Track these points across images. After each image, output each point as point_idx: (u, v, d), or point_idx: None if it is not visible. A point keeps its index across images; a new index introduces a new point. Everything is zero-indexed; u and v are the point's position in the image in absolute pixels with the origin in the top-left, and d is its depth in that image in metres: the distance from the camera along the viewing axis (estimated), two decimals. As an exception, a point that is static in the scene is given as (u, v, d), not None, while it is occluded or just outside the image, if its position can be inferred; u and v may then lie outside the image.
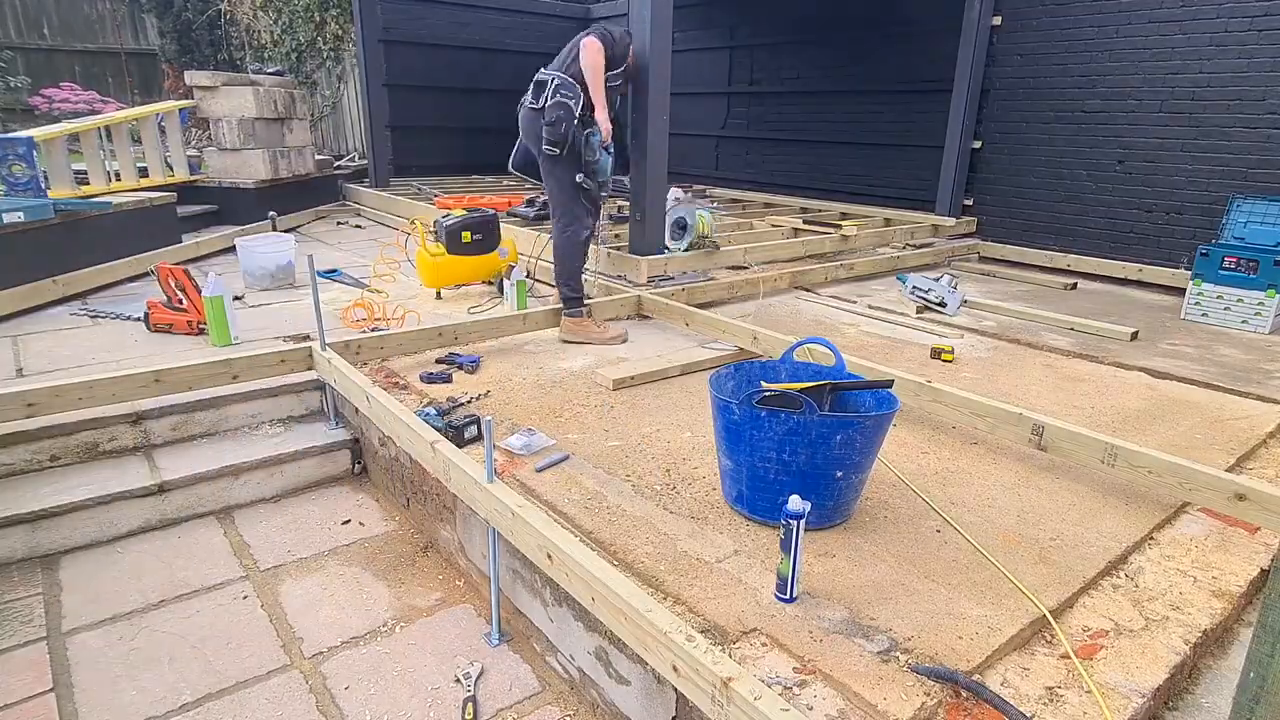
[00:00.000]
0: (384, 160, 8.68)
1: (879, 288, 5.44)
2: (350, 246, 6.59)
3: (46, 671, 2.14)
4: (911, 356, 3.86)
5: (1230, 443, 2.90)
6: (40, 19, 11.89)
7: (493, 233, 4.86)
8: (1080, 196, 6.13)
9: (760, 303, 4.90)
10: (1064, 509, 2.37)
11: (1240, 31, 5.11)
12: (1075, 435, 2.57)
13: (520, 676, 2.18)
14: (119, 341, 3.87)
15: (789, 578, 1.82)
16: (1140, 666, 1.70)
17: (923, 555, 2.09)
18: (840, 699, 1.57)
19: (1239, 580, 2.03)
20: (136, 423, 3.06)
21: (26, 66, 11.33)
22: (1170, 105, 5.51)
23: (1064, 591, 1.93)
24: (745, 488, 2.21)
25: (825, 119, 8.16)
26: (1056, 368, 3.79)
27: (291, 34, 11.06)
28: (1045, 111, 6.21)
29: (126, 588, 2.52)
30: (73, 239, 4.84)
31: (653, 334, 4.19)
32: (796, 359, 2.50)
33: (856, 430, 2.08)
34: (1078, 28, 5.89)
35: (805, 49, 8.27)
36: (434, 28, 9.71)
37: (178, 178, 6.91)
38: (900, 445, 2.80)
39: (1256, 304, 4.51)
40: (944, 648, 1.71)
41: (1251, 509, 2.21)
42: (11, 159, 4.73)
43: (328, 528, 2.93)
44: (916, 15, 7.05)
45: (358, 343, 3.47)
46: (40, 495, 2.71)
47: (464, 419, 2.80)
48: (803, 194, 8.34)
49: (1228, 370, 3.78)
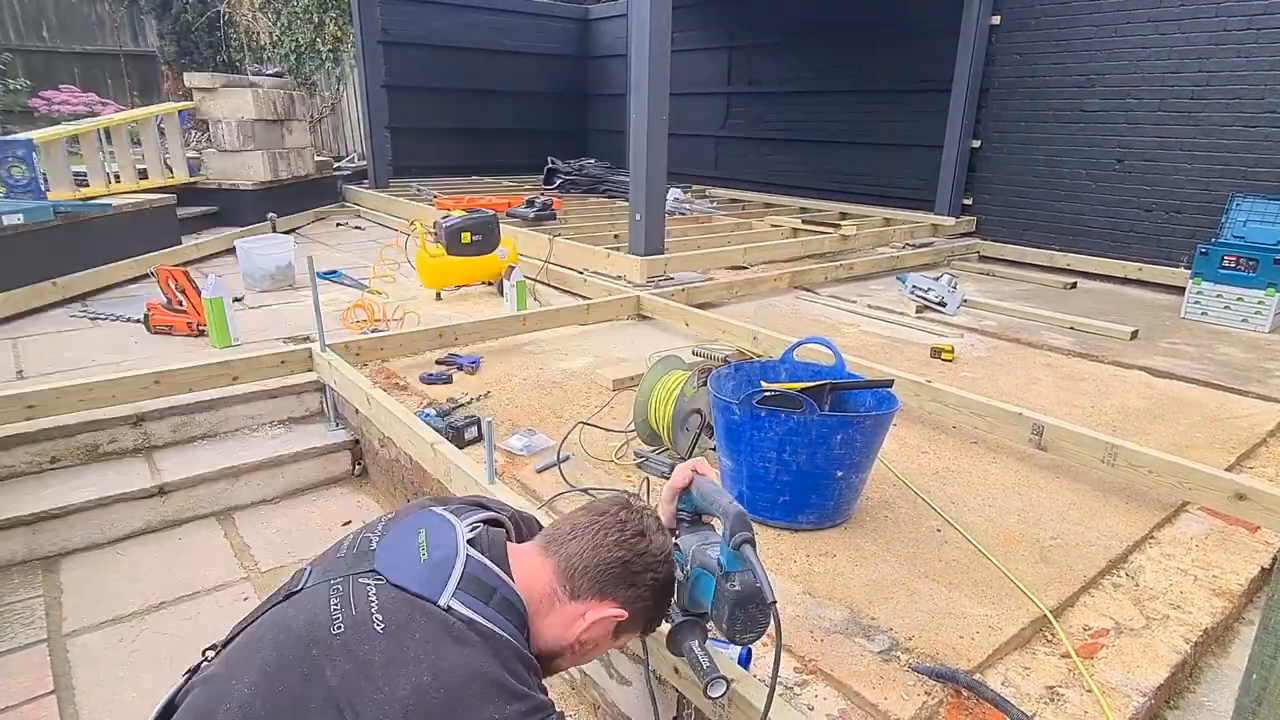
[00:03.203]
0: (383, 161, 8.68)
1: (879, 287, 5.44)
2: (350, 248, 6.58)
3: (47, 673, 2.13)
4: (911, 356, 3.86)
5: (1230, 441, 2.90)
6: (39, 21, 11.88)
7: (492, 234, 4.86)
8: (1080, 196, 6.13)
9: (760, 302, 4.90)
10: (1064, 508, 2.37)
11: (1239, 30, 5.11)
12: (1075, 435, 2.57)
13: (521, 677, 2.17)
14: (119, 343, 3.87)
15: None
16: (1141, 665, 1.70)
17: (923, 555, 2.09)
18: (841, 698, 1.57)
19: (1239, 579, 2.03)
20: (137, 424, 3.06)
21: (26, 68, 11.32)
22: (1169, 104, 5.51)
23: (1065, 591, 1.93)
24: (745, 487, 2.21)
25: (825, 119, 8.15)
26: (1056, 367, 3.79)
27: (290, 35, 11.06)
28: (1044, 111, 6.21)
29: (127, 589, 2.52)
30: (72, 241, 4.84)
31: (653, 334, 4.19)
32: (796, 359, 2.50)
33: (856, 430, 2.08)
34: (1077, 27, 5.89)
35: (805, 49, 8.28)
36: (433, 29, 9.72)
37: (177, 179, 6.90)
38: (900, 445, 2.80)
39: (1256, 303, 4.51)
40: (945, 647, 1.71)
41: (1252, 508, 2.21)
42: (11, 161, 4.73)
43: (328, 529, 2.93)
44: (916, 15, 7.05)
45: (358, 344, 3.47)
46: (41, 497, 2.71)
47: (464, 420, 2.79)
48: (802, 194, 8.34)
49: (1228, 369, 3.78)
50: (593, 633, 1.18)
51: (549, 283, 5.24)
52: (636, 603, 1.19)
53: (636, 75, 4.56)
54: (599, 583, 1.16)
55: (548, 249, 5.39)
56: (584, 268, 5.19)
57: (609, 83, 10.79)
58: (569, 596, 1.16)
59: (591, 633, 1.17)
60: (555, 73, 10.94)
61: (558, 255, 5.38)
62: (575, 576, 1.17)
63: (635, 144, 4.69)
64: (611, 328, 4.29)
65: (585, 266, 5.20)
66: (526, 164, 10.10)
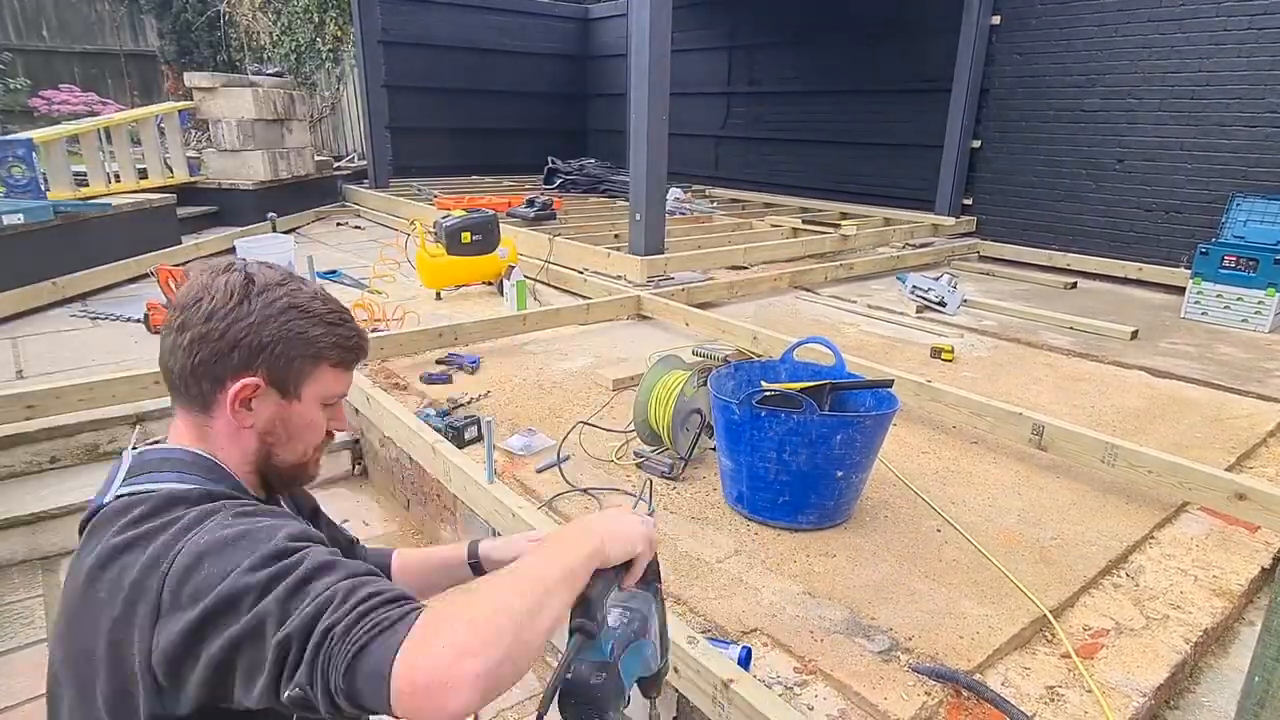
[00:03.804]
0: (383, 161, 8.68)
1: (879, 287, 5.43)
2: (350, 247, 6.58)
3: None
4: (911, 356, 3.86)
5: (1230, 442, 2.90)
6: (39, 20, 11.88)
7: (492, 233, 4.86)
8: (1080, 195, 6.13)
9: (760, 302, 4.90)
10: (1064, 508, 2.37)
11: (1239, 30, 5.11)
12: (1075, 435, 2.57)
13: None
14: (119, 343, 3.87)
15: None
16: (1141, 665, 1.70)
17: (923, 555, 2.09)
18: (841, 699, 1.57)
19: (1240, 579, 2.03)
20: (137, 424, 3.06)
21: (25, 68, 11.32)
22: (1170, 104, 5.51)
23: (1064, 591, 1.93)
24: (745, 488, 2.21)
25: (825, 119, 8.15)
26: (1056, 367, 3.79)
27: (291, 35, 11.06)
28: (1045, 111, 6.21)
29: (127, 589, 2.52)
30: (72, 241, 4.84)
31: (653, 334, 4.19)
32: (796, 358, 2.50)
33: (856, 430, 2.07)
34: (1077, 27, 5.89)
35: (805, 49, 8.28)
36: (433, 29, 9.72)
37: (177, 179, 6.90)
38: (900, 445, 2.80)
39: (1256, 303, 4.51)
40: (945, 647, 1.70)
41: (1252, 508, 2.21)
42: (11, 161, 4.73)
43: (328, 529, 2.93)
44: (916, 15, 7.05)
45: (358, 344, 3.47)
46: (41, 497, 2.71)
47: (464, 420, 2.79)
48: (802, 194, 8.34)
49: (1228, 369, 3.78)
50: (258, 416, 0.99)
51: (549, 282, 5.23)
52: (258, 356, 0.96)
53: (637, 75, 4.56)
54: (201, 380, 0.96)
55: (548, 249, 5.39)
56: (584, 267, 5.19)
57: (609, 82, 10.79)
58: (206, 415, 0.99)
59: (257, 418, 0.99)
60: (555, 72, 10.94)
61: (558, 255, 5.38)
62: (184, 394, 0.99)
63: (635, 144, 4.69)
64: (611, 327, 4.29)
65: (585, 266, 5.20)
66: (527, 164, 10.10)
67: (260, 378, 0.97)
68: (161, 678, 0.80)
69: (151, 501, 0.88)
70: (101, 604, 0.84)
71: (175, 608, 0.79)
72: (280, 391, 0.99)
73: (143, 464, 0.97)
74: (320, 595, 0.75)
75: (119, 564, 0.84)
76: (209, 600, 0.77)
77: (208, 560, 0.80)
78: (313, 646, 0.72)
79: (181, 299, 0.98)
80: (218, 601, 0.77)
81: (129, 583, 0.82)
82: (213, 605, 0.77)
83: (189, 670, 0.79)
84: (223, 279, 0.97)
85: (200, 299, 0.96)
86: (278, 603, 0.75)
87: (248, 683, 0.76)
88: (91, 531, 0.90)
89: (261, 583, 0.77)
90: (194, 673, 0.78)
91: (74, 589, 0.88)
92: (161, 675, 0.80)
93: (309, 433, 1.05)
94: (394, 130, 9.22)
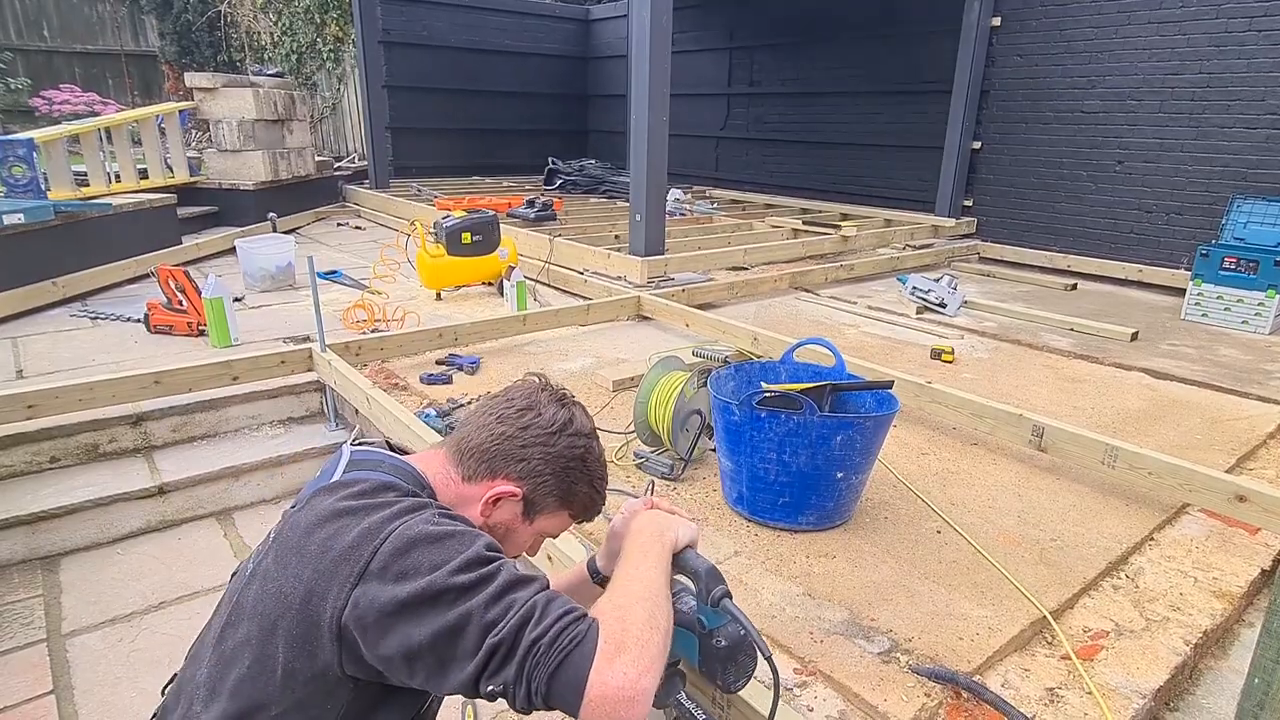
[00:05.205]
0: (384, 161, 8.68)
1: (879, 288, 5.44)
2: (350, 248, 6.59)
3: (46, 673, 2.13)
4: (912, 357, 3.86)
5: (1230, 443, 2.90)
6: (40, 20, 11.88)
7: (493, 234, 4.86)
8: (1080, 197, 6.13)
9: (760, 303, 4.90)
10: (1064, 510, 2.37)
11: (1240, 32, 5.11)
12: (1075, 436, 2.57)
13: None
14: (119, 343, 3.87)
15: None
16: (1141, 667, 1.69)
17: (923, 556, 2.09)
18: (841, 700, 1.57)
19: (1240, 581, 2.03)
20: (137, 424, 3.06)
21: (26, 68, 11.32)
22: (1170, 106, 5.52)
23: (1064, 592, 1.93)
24: (745, 489, 2.21)
25: (825, 120, 8.16)
26: (1057, 368, 3.79)
27: (291, 36, 11.06)
28: (1045, 112, 6.22)
29: (126, 589, 2.52)
30: (73, 240, 4.84)
31: (653, 335, 4.19)
32: (796, 359, 2.50)
33: (856, 431, 2.07)
34: (1077, 28, 5.90)
35: (805, 50, 8.28)
36: (433, 29, 9.73)
37: (178, 179, 6.90)
38: (900, 446, 2.80)
39: (1256, 304, 4.51)
40: (944, 649, 1.70)
41: (1252, 510, 2.21)
42: (12, 160, 4.72)
43: (328, 529, 2.93)
44: (916, 16, 7.05)
45: (358, 344, 3.47)
46: (40, 497, 2.71)
47: (464, 420, 2.79)
48: (803, 195, 8.34)
49: (1228, 371, 3.78)
50: (497, 515, 1.14)
51: (549, 283, 5.24)
52: (532, 478, 1.14)
53: (637, 76, 4.56)
54: (486, 462, 1.14)
55: (548, 249, 5.39)
56: (584, 268, 5.19)
57: (610, 83, 10.79)
58: (462, 479, 1.14)
59: (495, 515, 1.14)
60: (556, 73, 10.95)
61: (558, 255, 5.38)
62: (464, 459, 1.15)
63: (636, 144, 4.69)
64: (612, 328, 4.29)
65: (585, 267, 5.20)
66: (527, 164, 10.10)
67: (522, 492, 1.14)
68: (352, 632, 0.91)
69: (371, 482, 1.03)
70: (311, 556, 0.95)
71: (381, 579, 0.90)
72: (525, 508, 1.16)
73: (365, 463, 1.11)
74: (523, 607, 0.88)
75: (336, 525, 0.96)
76: (417, 585, 0.89)
77: (417, 548, 0.92)
78: (521, 654, 0.86)
79: (514, 395, 1.19)
80: (425, 591, 0.89)
81: (344, 544, 0.94)
82: (419, 592, 0.88)
83: (374, 636, 0.89)
84: (551, 410, 1.17)
85: (525, 411, 1.16)
86: (481, 607, 0.88)
87: (440, 670, 0.89)
88: (316, 495, 1.03)
89: (465, 585, 0.90)
90: (381, 641, 0.89)
91: (291, 537, 1.00)
92: (354, 630, 0.90)
93: (513, 546, 1.20)
94: (394, 131, 9.23)
